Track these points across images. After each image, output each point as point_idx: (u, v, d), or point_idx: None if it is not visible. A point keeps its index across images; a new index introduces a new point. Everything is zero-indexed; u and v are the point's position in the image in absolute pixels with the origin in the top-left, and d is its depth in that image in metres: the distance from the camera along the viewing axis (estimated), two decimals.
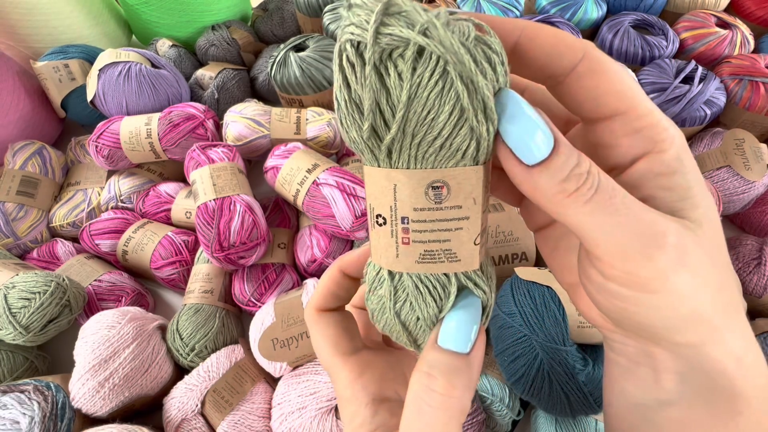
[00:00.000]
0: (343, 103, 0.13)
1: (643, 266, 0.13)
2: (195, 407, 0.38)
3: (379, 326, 0.17)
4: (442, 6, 0.59)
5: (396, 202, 0.14)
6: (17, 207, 0.50)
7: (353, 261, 0.19)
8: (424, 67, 0.12)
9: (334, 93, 0.14)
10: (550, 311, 0.34)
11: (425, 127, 0.13)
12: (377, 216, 0.15)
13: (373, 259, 0.16)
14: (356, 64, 0.13)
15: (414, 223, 0.15)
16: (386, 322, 0.17)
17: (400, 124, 0.13)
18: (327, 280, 0.19)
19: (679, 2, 0.64)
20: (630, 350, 0.16)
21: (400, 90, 0.12)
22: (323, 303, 0.19)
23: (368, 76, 0.12)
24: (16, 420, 0.34)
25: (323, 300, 0.19)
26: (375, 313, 0.17)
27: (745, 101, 0.52)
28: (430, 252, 0.15)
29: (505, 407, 0.38)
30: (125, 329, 0.39)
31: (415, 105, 0.13)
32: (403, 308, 0.16)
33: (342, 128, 0.14)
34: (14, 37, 0.60)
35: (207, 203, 0.43)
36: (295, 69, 0.52)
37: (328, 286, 0.19)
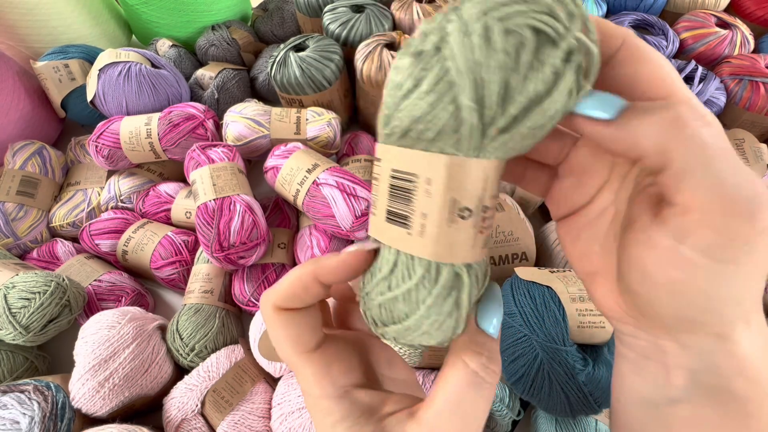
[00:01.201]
0: (471, 83, 0.13)
1: (741, 224, 0.11)
2: (195, 407, 0.38)
3: (386, 330, 0.17)
4: (443, 5, 0.59)
5: (485, 192, 0.15)
6: (17, 207, 0.50)
7: (333, 270, 0.17)
8: (554, 58, 0.13)
9: (440, 79, 0.13)
10: (550, 311, 0.34)
11: (538, 114, 0.13)
12: (462, 209, 0.15)
13: (437, 257, 0.15)
14: (522, 52, 0.12)
15: (489, 211, 0.15)
16: (412, 323, 0.16)
17: (524, 108, 0.13)
18: (295, 282, 0.17)
19: (679, 2, 0.64)
20: (641, 344, 0.16)
21: (537, 76, 0.13)
22: (284, 303, 0.17)
23: (529, 64, 0.13)
24: (16, 420, 0.34)
25: (284, 301, 0.17)
26: (397, 314, 0.16)
27: (745, 101, 0.52)
28: (491, 239, 0.16)
29: (505, 407, 0.38)
30: (125, 329, 0.39)
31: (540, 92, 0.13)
32: (446, 302, 0.15)
33: (448, 111, 0.13)
34: (14, 37, 0.60)
35: (207, 203, 0.43)
36: (295, 69, 0.52)
37: (295, 289, 0.17)
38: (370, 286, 0.17)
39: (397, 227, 0.15)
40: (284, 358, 0.18)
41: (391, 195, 0.15)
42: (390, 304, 0.16)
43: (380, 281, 0.16)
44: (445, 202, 0.14)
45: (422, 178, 0.14)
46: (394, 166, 0.15)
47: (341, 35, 0.57)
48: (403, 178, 0.15)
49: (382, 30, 0.57)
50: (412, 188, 0.15)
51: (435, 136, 0.14)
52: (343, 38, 0.57)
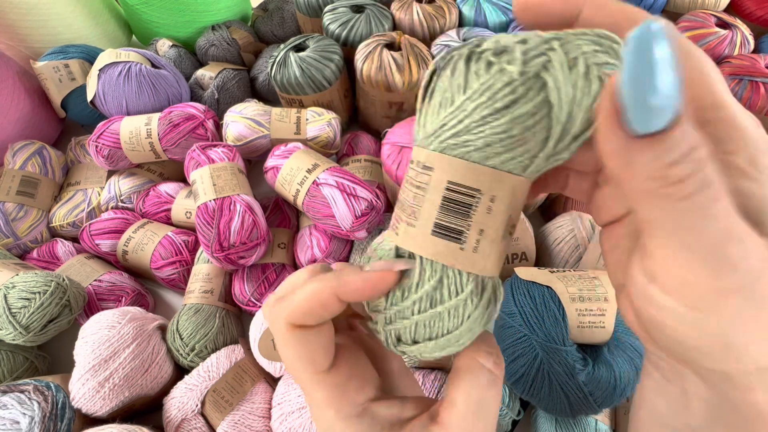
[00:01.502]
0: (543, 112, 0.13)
1: (705, 281, 0.11)
2: (195, 407, 0.38)
3: (415, 347, 0.16)
4: (443, 5, 0.59)
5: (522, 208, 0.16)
6: (17, 207, 0.50)
7: (356, 290, 0.15)
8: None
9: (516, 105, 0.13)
10: (550, 311, 0.34)
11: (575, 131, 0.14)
12: (512, 227, 0.16)
13: (485, 272, 0.15)
14: (582, 81, 0.13)
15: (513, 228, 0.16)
16: (453, 337, 0.16)
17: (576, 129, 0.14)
18: (313, 298, 0.15)
19: (679, 2, 0.64)
20: (664, 365, 0.15)
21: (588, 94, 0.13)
22: (299, 320, 0.16)
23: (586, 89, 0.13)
24: (16, 420, 0.34)
25: (300, 318, 0.15)
26: (438, 330, 0.16)
27: (745, 101, 0.52)
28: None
29: (505, 407, 0.38)
30: (125, 329, 0.39)
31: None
32: (486, 312, 0.16)
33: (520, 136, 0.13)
34: (14, 37, 0.60)
35: (207, 203, 0.43)
36: (295, 69, 0.52)
37: (312, 306, 0.15)
38: (402, 304, 0.16)
39: (447, 241, 0.15)
40: (296, 379, 0.17)
41: (444, 208, 0.15)
42: (432, 321, 0.15)
43: (421, 298, 0.15)
44: (503, 220, 0.15)
45: (487, 195, 0.14)
46: (452, 179, 0.14)
47: (341, 35, 0.57)
48: (464, 193, 0.14)
49: (382, 30, 0.57)
50: (473, 204, 0.14)
51: (511, 157, 0.14)
52: (343, 38, 0.57)
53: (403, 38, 0.52)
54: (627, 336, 0.35)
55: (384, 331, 0.16)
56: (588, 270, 0.38)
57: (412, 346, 0.16)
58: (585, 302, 0.34)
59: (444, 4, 0.60)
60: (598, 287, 0.35)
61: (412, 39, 0.53)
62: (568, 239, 0.44)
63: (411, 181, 0.15)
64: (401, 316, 0.16)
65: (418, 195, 0.15)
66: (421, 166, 0.15)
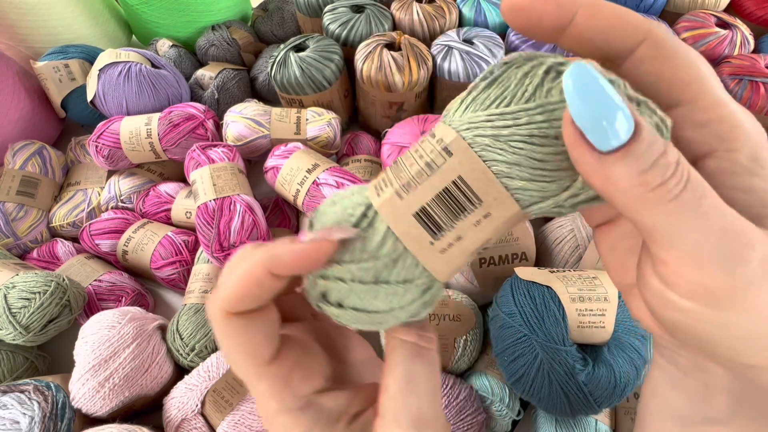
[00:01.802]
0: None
1: (720, 280, 0.11)
2: (195, 407, 0.38)
3: (344, 313, 0.15)
4: (443, 5, 0.59)
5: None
6: (17, 207, 0.50)
7: (290, 263, 0.14)
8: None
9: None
10: (550, 311, 0.34)
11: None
12: (485, 249, 0.16)
13: (440, 277, 0.15)
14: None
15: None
16: (381, 318, 0.15)
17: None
18: (245, 279, 0.14)
19: (679, 2, 0.64)
20: (682, 361, 0.15)
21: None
22: (235, 306, 0.14)
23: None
24: (16, 420, 0.34)
25: (236, 303, 0.14)
26: (371, 305, 0.15)
27: (745, 101, 0.52)
28: None
29: (505, 407, 0.38)
30: (125, 329, 0.39)
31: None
32: (423, 307, 0.16)
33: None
34: (14, 37, 0.60)
35: (207, 203, 0.43)
36: (295, 69, 0.52)
37: (246, 287, 0.14)
38: (346, 266, 0.14)
39: (423, 230, 0.14)
40: (236, 371, 0.15)
41: (440, 198, 0.14)
42: (366, 295, 0.15)
43: (368, 269, 0.14)
44: (483, 239, 0.14)
45: (484, 208, 0.14)
46: (464, 176, 0.13)
47: (341, 35, 0.57)
48: (467, 195, 0.14)
49: (382, 30, 0.57)
50: (468, 210, 0.14)
51: (528, 187, 0.13)
52: (343, 38, 0.57)
53: (403, 38, 0.52)
54: (627, 336, 0.35)
55: (314, 281, 0.15)
56: (588, 270, 0.38)
57: (333, 308, 0.15)
58: (585, 302, 0.34)
59: (444, 4, 0.60)
60: (598, 287, 0.35)
61: (412, 39, 0.53)
62: (568, 239, 0.44)
63: (422, 154, 0.14)
64: (339, 277, 0.15)
65: (422, 172, 0.14)
66: (443, 146, 0.14)
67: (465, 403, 0.37)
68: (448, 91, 0.56)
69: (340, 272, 0.15)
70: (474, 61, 0.53)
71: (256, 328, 0.15)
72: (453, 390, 0.37)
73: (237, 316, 0.14)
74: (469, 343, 0.39)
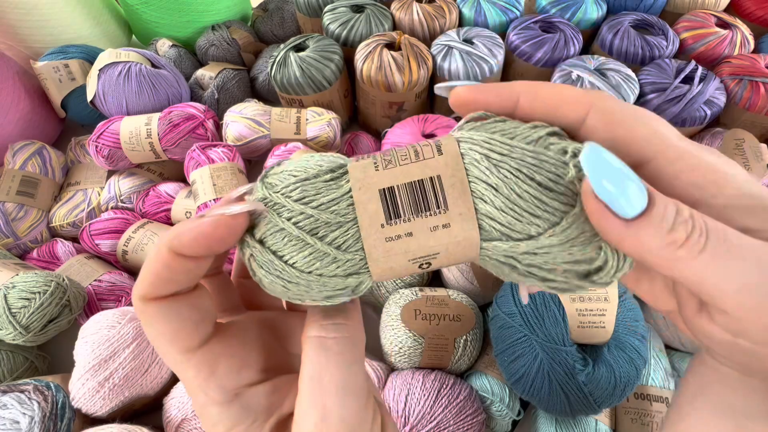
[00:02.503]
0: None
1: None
2: None
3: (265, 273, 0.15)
4: (443, 5, 0.59)
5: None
6: (17, 207, 0.50)
7: (191, 242, 0.13)
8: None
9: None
10: (550, 311, 0.34)
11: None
12: (428, 264, 0.15)
13: (369, 257, 0.14)
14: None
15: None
16: (301, 291, 0.15)
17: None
18: (153, 262, 0.13)
19: (679, 2, 0.64)
20: (744, 362, 0.15)
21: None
22: (152, 291, 0.14)
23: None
24: (16, 420, 0.34)
25: (150, 288, 0.14)
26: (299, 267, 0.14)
27: (745, 101, 0.52)
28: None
29: (505, 407, 0.38)
30: (125, 329, 0.39)
31: None
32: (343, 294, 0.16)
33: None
34: (14, 37, 0.60)
35: (207, 203, 0.43)
36: (295, 69, 0.52)
37: (156, 270, 0.13)
38: (292, 205, 0.14)
39: (380, 207, 0.14)
40: (163, 358, 0.15)
41: (411, 186, 0.14)
42: (296, 245, 0.14)
43: (310, 216, 0.14)
44: (430, 252, 0.14)
45: (447, 217, 0.14)
46: (443, 175, 0.14)
47: (341, 35, 0.57)
48: (437, 195, 0.14)
49: (382, 30, 0.57)
50: (432, 210, 0.14)
51: (495, 217, 0.13)
52: (343, 38, 0.57)
53: (403, 38, 0.52)
54: (627, 336, 0.35)
55: (261, 198, 0.14)
56: None
57: (254, 245, 0.14)
58: (585, 302, 0.34)
59: (444, 4, 0.60)
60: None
61: (412, 39, 0.53)
62: None
63: (415, 146, 0.15)
64: (279, 205, 0.14)
65: (407, 156, 0.14)
66: (437, 143, 0.14)
67: (465, 403, 0.37)
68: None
69: (282, 203, 0.14)
70: (474, 61, 0.53)
71: (175, 313, 0.14)
72: (453, 390, 0.37)
73: (154, 301, 0.14)
74: (469, 343, 0.39)
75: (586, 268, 0.13)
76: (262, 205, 0.14)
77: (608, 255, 0.13)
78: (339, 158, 0.15)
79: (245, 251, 0.15)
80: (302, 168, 0.15)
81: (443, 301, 0.41)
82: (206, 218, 0.13)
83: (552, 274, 0.13)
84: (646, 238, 0.12)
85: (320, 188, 0.14)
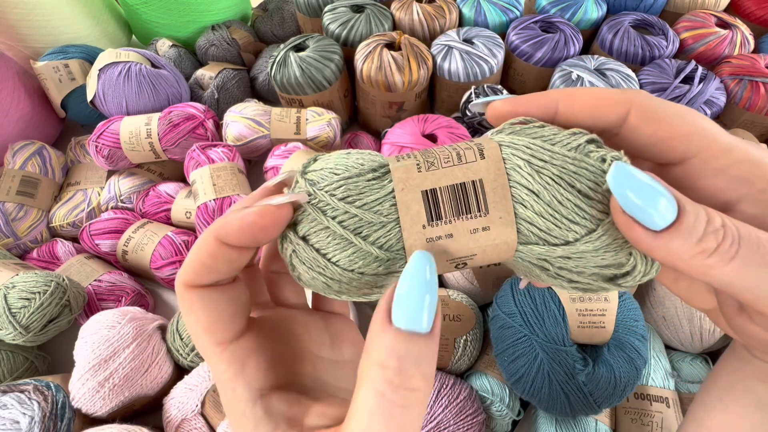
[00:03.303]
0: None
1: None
2: (195, 407, 0.37)
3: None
4: (443, 5, 0.59)
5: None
6: (17, 207, 0.50)
7: (239, 230, 0.13)
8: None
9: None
10: (550, 311, 0.34)
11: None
12: (463, 265, 0.16)
13: (409, 252, 0.14)
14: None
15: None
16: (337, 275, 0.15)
17: None
18: (200, 250, 0.14)
19: (679, 2, 0.64)
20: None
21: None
22: (195, 278, 0.14)
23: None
24: (16, 420, 0.34)
25: (194, 275, 0.14)
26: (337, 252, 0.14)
27: (745, 101, 0.52)
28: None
29: (505, 407, 0.38)
30: (125, 329, 0.39)
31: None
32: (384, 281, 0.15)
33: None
34: (14, 37, 0.60)
35: (207, 203, 0.43)
36: (295, 69, 0.52)
37: (201, 258, 0.14)
38: (337, 203, 0.14)
39: (422, 208, 0.14)
40: (198, 347, 0.15)
41: (454, 189, 0.14)
42: (339, 244, 0.14)
43: (354, 216, 0.14)
44: (469, 254, 0.14)
45: (487, 220, 0.14)
46: (485, 179, 0.14)
47: (341, 35, 0.57)
48: (479, 198, 0.14)
49: (382, 30, 0.57)
50: (473, 213, 0.14)
51: (534, 222, 0.14)
52: (343, 38, 0.57)
53: (403, 38, 0.52)
54: (627, 336, 0.35)
55: (303, 187, 0.15)
56: None
57: (296, 241, 0.14)
58: (585, 302, 0.34)
59: (444, 4, 0.60)
60: None
61: (412, 39, 0.53)
62: None
63: (457, 148, 0.15)
64: (324, 204, 0.14)
65: (450, 158, 0.14)
66: (479, 147, 0.14)
67: (465, 403, 0.37)
68: (448, 90, 0.56)
69: (326, 200, 0.14)
70: (474, 61, 0.53)
71: (214, 303, 0.14)
72: (453, 390, 0.37)
73: (197, 288, 0.14)
74: (469, 343, 0.39)
75: (614, 272, 0.14)
76: (306, 196, 0.14)
77: (637, 261, 0.13)
78: (377, 156, 0.15)
79: (287, 247, 0.15)
80: (343, 166, 0.15)
81: (443, 300, 0.41)
82: (252, 208, 0.13)
83: (580, 276, 0.14)
84: (675, 248, 0.12)
85: (363, 188, 0.14)
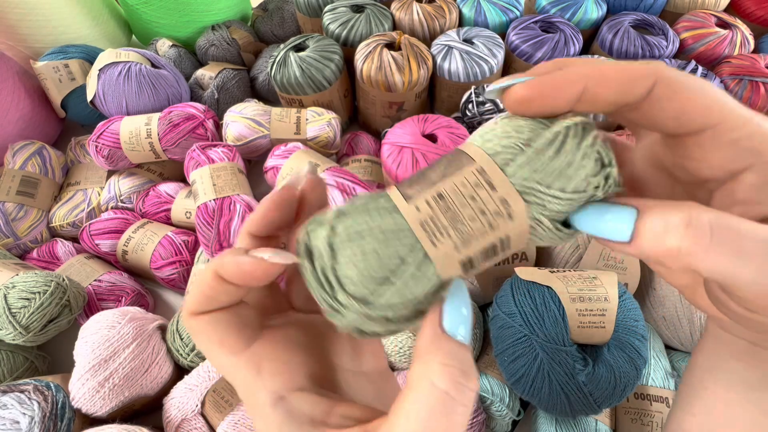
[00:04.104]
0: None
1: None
2: (195, 407, 0.37)
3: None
4: (443, 5, 0.59)
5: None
6: (17, 207, 0.50)
7: (236, 273, 0.14)
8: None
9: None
10: (550, 311, 0.34)
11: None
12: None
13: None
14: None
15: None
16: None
17: None
18: (201, 284, 0.15)
19: (679, 2, 0.64)
20: (753, 337, 0.16)
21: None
22: (198, 308, 0.16)
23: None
24: (16, 420, 0.34)
25: (198, 305, 0.16)
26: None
27: (745, 101, 0.52)
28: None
29: (505, 407, 0.38)
30: (125, 329, 0.39)
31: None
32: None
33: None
34: (14, 37, 0.60)
35: (207, 203, 0.43)
36: (295, 69, 0.52)
37: (203, 291, 0.15)
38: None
39: (460, 271, 0.15)
40: (213, 365, 0.16)
41: (485, 250, 0.15)
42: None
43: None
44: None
45: (509, 252, 0.15)
46: (512, 235, 0.15)
47: (341, 35, 0.57)
48: (505, 247, 0.15)
49: (382, 30, 0.57)
50: (499, 255, 0.15)
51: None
52: (343, 38, 0.57)
53: (403, 38, 0.52)
54: (627, 336, 0.35)
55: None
56: (588, 270, 0.38)
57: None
58: (585, 302, 0.34)
59: (444, 4, 0.60)
60: (599, 287, 0.35)
61: (412, 39, 0.53)
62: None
63: (484, 209, 0.14)
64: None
65: (484, 231, 0.14)
66: (508, 210, 0.14)
67: None
68: (448, 90, 0.56)
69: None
70: (474, 61, 0.53)
71: (223, 321, 0.16)
72: None
73: (201, 315, 0.16)
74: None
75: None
76: (297, 259, 0.15)
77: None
78: (408, 237, 0.14)
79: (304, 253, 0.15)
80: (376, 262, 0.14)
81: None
82: (248, 258, 0.14)
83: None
84: (647, 251, 0.13)
85: (408, 282, 0.14)
